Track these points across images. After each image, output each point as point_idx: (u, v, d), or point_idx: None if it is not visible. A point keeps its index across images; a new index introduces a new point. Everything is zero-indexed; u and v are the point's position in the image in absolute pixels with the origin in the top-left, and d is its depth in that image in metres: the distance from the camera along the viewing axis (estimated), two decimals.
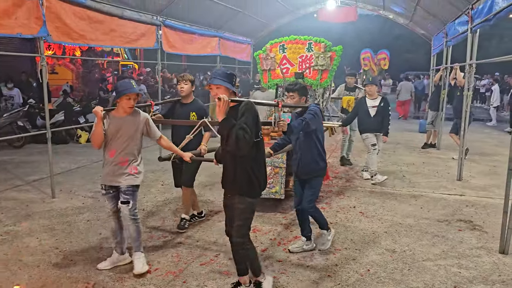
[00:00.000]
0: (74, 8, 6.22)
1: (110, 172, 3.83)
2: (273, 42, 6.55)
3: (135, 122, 3.87)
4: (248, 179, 3.28)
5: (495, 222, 5.14)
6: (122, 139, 3.81)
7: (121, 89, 3.72)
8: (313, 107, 4.17)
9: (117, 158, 3.83)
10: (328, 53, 6.22)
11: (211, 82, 3.30)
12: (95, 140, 3.80)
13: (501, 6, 5.10)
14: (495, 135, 12.69)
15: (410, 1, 10.65)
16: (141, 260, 3.88)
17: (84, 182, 6.90)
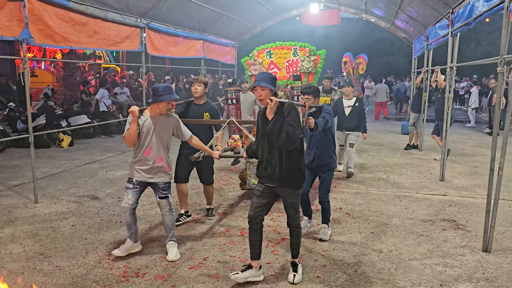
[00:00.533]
0: (56, 10, 6.15)
1: (147, 169, 4.08)
2: (259, 49, 6.82)
3: (168, 122, 4.18)
4: (296, 171, 3.67)
5: (477, 221, 5.26)
6: (156, 138, 4.09)
7: (163, 93, 3.97)
8: (327, 106, 4.69)
9: (153, 156, 4.08)
10: (312, 57, 6.59)
11: (258, 84, 3.60)
12: (130, 139, 4.00)
13: (480, 11, 5.22)
14: (475, 136, 12.97)
15: (392, 5, 10.82)
16: (175, 248, 4.25)
17: (68, 186, 6.80)
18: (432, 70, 9.43)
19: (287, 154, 3.61)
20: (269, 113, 3.60)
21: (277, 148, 3.61)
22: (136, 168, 4.10)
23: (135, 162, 4.12)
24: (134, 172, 4.11)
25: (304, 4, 13.77)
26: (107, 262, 4.12)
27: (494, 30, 27.79)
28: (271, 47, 6.83)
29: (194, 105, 5.11)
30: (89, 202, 6.02)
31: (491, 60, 4.60)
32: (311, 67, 6.64)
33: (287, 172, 3.63)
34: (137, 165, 4.10)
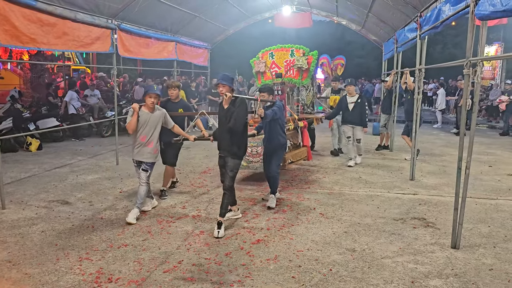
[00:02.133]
0: (23, 11, 5.97)
1: (141, 151, 5.32)
2: (264, 51, 8.31)
3: (159, 115, 5.43)
4: (239, 145, 5.10)
5: (446, 219, 5.42)
6: (149, 128, 5.32)
7: (145, 90, 5.46)
8: (279, 102, 6.02)
9: (147, 142, 5.31)
10: (305, 57, 7.90)
11: (220, 82, 4.98)
12: (132, 128, 5.23)
13: (447, 14, 5.38)
14: (443, 136, 13.36)
15: (362, 8, 11.03)
16: (135, 213, 5.32)
17: (37, 191, 6.61)
18: (401, 72, 9.66)
19: (234, 133, 4.99)
20: (225, 104, 4.99)
21: (227, 129, 4.97)
22: (135, 151, 5.34)
23: (134, 147, 5.35)
24: (135, 154, 5.35)
25: (277, 7, 13.87)
26: (79, 268, 4.03)
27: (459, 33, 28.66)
28: (273, 49, 8.16)
29: (171, 103, 6.40)
30: (59, 207, 5.87)
31: (458, 62, 4.75)
32: (304, 64, 7.87)
33: (232, 146, 5.03)
34: (135, 149, 5.33)
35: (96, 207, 5.91)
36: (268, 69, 8.19)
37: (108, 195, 6.46)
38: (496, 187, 7.08)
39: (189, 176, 7.76)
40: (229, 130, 4.97)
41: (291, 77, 7.95)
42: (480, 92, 16.65)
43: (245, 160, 6.87)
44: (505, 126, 14.07)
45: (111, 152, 9.71)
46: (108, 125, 12.33)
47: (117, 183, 7.15)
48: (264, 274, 3.95)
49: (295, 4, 13.66)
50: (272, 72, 8.14)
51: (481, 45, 4.21)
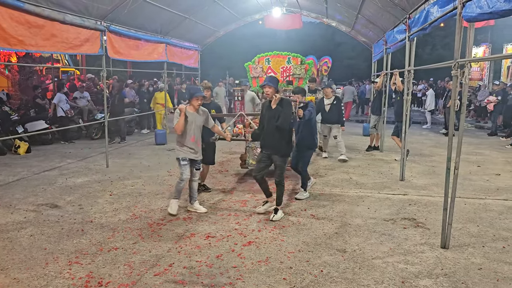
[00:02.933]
0: (11, 12, 5.90)
1: (193, 150, 5.62)
2: (260, 56, 8.45)
3: (203, 115, 5.73)
4: (285, 144, 5.50)
5: (436, 219, 5.46)
6: (196, 128, 5.61)
7: (192, 92, 5.66)
8: (311, 103, 6.50)
9: (196, 141, 5.63)
10: (303, 65, 8.22)
11: (267, 84, 5.46)
12: (180, 128, 5.48)
13: (435, 16, 5.44)
14: (432, 137, 13.47)
15: (352, 10, 11.09)
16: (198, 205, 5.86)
17: (25, 195, 6.53)
18: (391, 73, 9.72)
19: (281, 131, 5.39)
20: (273, 104, 5.37)
21: (275, 127, 5.37)
22: (186, 150, 5.58)
23: (185, 146, 5.59)
24: (187, 153, 5.58)
25: (267, 8, 13.88)
26: (68, 272, 3.99)
27: (448, 34, 29.00)
28: (269, 55, 8.32)
29: (204, 104, 6.32)
30: (48, 211, 5.81)
31: (446, 63, 4.80)
32: (302, 74, 8.19)
33: (279, 144, 5.44)
34: (187, 148, 5.58)
35: (86, 210, 5.86)
36: (264, 74, 8.29)
37: (98, 198, 6.41)
38: (484, 187, 7.15)
39: None
40: (277, 129, 5.37)
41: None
42: (468, 93, 16.87)
43: (253, 159, 7.29)
44: (493, 127, 14.24)
45: (101, 155, 9.64)
46: (98, 128, 12.23)
47: (107, 186, 7.10)
48: (255, 276, 3.95)
49: (285, 5, 13.68)
50: None
51: (469, 46, 4.26)
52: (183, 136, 5.56)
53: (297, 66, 8.18)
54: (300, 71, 8.17)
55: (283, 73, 8.33)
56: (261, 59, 8.44)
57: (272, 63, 8.34)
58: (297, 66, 8.17)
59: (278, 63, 8.32)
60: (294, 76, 8.24)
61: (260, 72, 8.37)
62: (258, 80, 8.46)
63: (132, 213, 5.75)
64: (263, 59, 8.44)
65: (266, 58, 8.39)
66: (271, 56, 8.36)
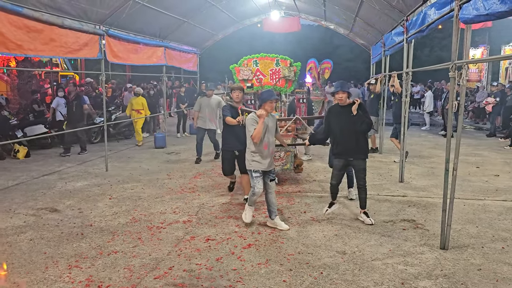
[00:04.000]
0: (10, 17, 5.91)
1: (268, 161, 5.15)
2: (246, 58, 8.07)
3: (274, 121, 5.33)
4: (365, 147, 5.51)
5: (435, 220, 5.47)
6: (269, 135, 5.18)
7: (265, 97, 5.12)
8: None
9: (270, 150, 5.17)
10: (291, 67, 7.92)
11: (341, 89, 5.35)
12: (259, 137, 5.02)
13: (432, 18, 5.47)
14: (431, 138, 13.49)
15: (350, 13, 11.13)
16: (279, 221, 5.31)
17: (25, 199, 6.53)
18: (389, 75, 9.75)
19: (361, 136, 5.38)
20: (354, 109, 5.24)
21: (354, 133, 5.31)
22: (258, 160, 5.11)
23: (257, 155, 5.12)
24: (259, 164, 5.12)
25: (265, 11, 13.93)
26: (68, 276, 3.99)
27: (446, 36, 29.07)
28: (257, 57, 8.02)
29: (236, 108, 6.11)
30: (48, 215, 5.81)
31: (443, 65, 4.82)
32: (291, 76, 7.94)
33: (360, 149, 5.39)
34: (259, 158, 5.11)
35: (86, 214, 5.86)
36: (253, 76, 8.08)
37: (97, 202, 6.41)
38: (483, 188, 7.17)
39: (179, 181, 7.73)
40: (358, 133, 5.33)
41: (278, 85, 8.02)
42: (466, 96, 16.87)
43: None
44: (491, 128, 14.26)
45: (101, 159, 9.64)
46: (97, 131, 12.24)
47: (107, 190, 7.10)
48: (255, 279, 3.95)
49: (283, 8, 13.74)
50: (257, 80, 8.03)
51: (466, 48, 4.28)
52: (257, 144, 5.11)
53: (286, 68, 7.97)
54: (289, 73, 7.96)
55: (272, 75, 8.11)
56: (249, 61, 8.15)
57: (260, 65, 8.09)
58: (286, 68, 7.97)
59: (267, 66, 8.09)
60: (285, 78, 8.02)
61: (249, 74, 8.07)
62: (246, 83, 8.05)
63: (131, 216, 5.75)
64: (250, 61, 8.14)
65: (254, 60, 8.13)
66: (258, 58, 8.10)
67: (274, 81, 7.97)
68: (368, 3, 8.79)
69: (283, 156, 7.38)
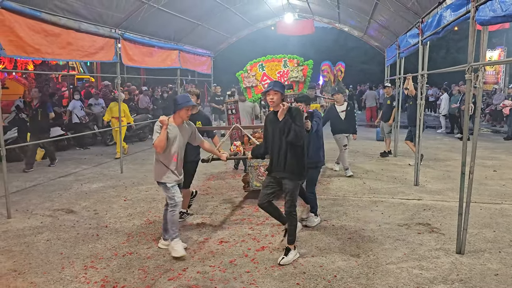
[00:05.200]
0: (28, 21, 6.04)
1: (178, 172, 4.62)
2: (252, 63, 7.44)
3: (188, 130, 4.72)
4: (299, 164, 4.35)
5: (451, 224, 5.40)
6: (179, 145, 4.58)
7: (180, 102, 4.48)
8: (317, 112, 5.43)
9: (178, 162, 4.62)
10: (300, 67, 7.23)
11: (272, 88, 4.32)
12: (161, 145, 4.41)
13: (448, 20, 5.41)
14: (447, 141, 13.32)
15: (364, 15, 11.07)
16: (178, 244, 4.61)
17: (42, 200, 6.64)
18: (404, 78, 9.65)
19: (293, 149, 4.30)
20: (280, 115, 4.28)
21: (285, 144, 4.30)
22: (168, 172, 4.55)
23: (163, 167, 4.55)
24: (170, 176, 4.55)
25: (279, 14, 13.95)
26: (84, 276, 4.05)
27: (462, 38, 28.68)
28: (262, 60, 7.36)
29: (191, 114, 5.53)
30: (64, 216, 5.90)
31: (459, 67, 4.76)
32: (299, 77, 7.21)
33: (290, 166, 4.31)
34: (166, 170, 4.54)
35: (101, 215, 5.93)
36: (259, 82, 7.41)
37: (112, 204, 6.48)
38: (501, 192, 7.05)
39: (193, 183, 7.75)
40: (287, 146, 4.30)
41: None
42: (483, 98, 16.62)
43: (257, 180, 6.42)
44: (509, 131, 14.01)
45: (116, 161, 9.75)
46: (112, 134, 12.37)
47: (122, 192, 7.17)
48: (268, 281, 3.95)
49: (297, 11, 13.74)
50: (265, 85, 7.25)
51: (482, 50, 4.22)
52: (165, 155, 4.52)
53: (294, 68, 7.23)
54: (297, 74, 7.23)
55: (280, 78, 7.41)
56: (254, 66, 7.47)
57: (266, 69, 7.36)
58: (294, 69, 7.23)
59: (274, 68, 7.34)
60: (291, 79, 7.32)
61: (253, 81, 7.42)
62: (253, 90, 7.55)
63: (146, 218, 5.80)
64: (256, 66, 7.46)
65: (260, 64, 7.43)
66: (264, 61, 7.38)
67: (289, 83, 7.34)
68: (382, 5, 8.74)
69: None
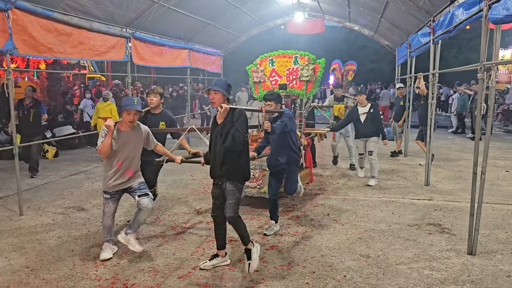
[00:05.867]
0: (41, 21, 6.11)
1: (118, 180, 4.30)
2: (262, 57, 6.98)
3: (139, 135, 4.41)
4: (238, 168, 4.01)
5: (462, 225, 5.35)
6: (128, 151, 4.30)
7: (123, 104, 4.24)
8: (288, 111, 5.01)
9: (124, 168, 4.30)
10: (311, 65, 6.62)
11: (211, 88, 3.96)
12: (104, 151, 4.17)
13: (460, 19, 5.35)
14: (458, 141, 13.19)
15: (375, 14, 11.00)
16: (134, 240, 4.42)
17: (53, 198, 6.72)
18: (415, 77, 9.58)
19: (231, 154, 3.94)
20: (219, 118, 3.96)
21: (223, 149, 3.93)
22: (108, 180, 4.30)
23: (107, 175, 4.30)
24: (109, 183, 4.30)
25: (289, 13, 13.90)
26: (95, 273, 4.08)
27: (475, 36, 28.38)
28: (273, 55, 6.91)
29: (151, 115, 5.30)
30: (75, 214, 5.96)
31: (472, 66, 4.71)
32: (310, 76, 6.62)
33: (230, 169, 3.97)
34: (108, 177, 4.30)
35: None
36: (267, 78, 6.90)
37: (123, 202, 6.49)
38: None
39: (202, 182, 7.80)
40: (225, 152, 3.94)
41: (293, 87, 6.71)
42: (496, 97, 16.44)
43: None
44: None
45: None
46: None
47: None
48: (278, 280, 3.95)
49: (307, 10, 13.68)
50: (272, 81, 6.87)
51: (495, 49, 4.17)
52: (108, 161, 4.30)
53: (304, 66, 6.63)
54: (307, 73, 6.59)
55: (289, 75, 6.80)
56: (264, 60, 6.97)
57: (276, 64, 6.85)
58: (304, 67, 6.63)
59: (284, 64, 6.82)
60: (301, 79, 6.68)
61: (262, 76, 6.89)
62: (260, 86, 6.99)
63: (156, 216, 5.84)
64: (266, 60, 6.95)
65: (270, 59, 6.92)
66: (275, 56, 6.88)
67: (289, 82, 6.73)
68: (393, 3, 8.67)
69: (258, 176, 5.88)
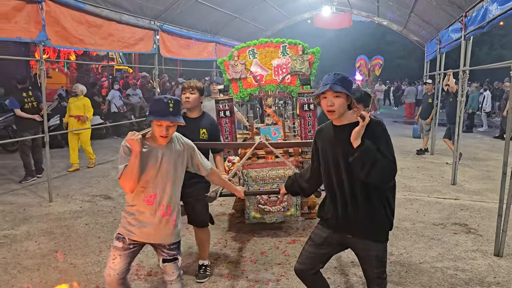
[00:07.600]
0: (73, 13, 6.26)
1: (149, 225, 2.70)
2: (239, 47, 5.64)
3: (178, 152, 2.77)
4: (384, 216, 2.56)
5: (489, 225, 5.23)
6: (162, 178, 2.69)
7: (150, 110, 2.69)
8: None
9: (157, 205, 2.69)
10: (306, 56, 5.45)
11: (331, 88, 2.42)
12: (134, 179, 2.55)
13: (494, 14, 5.20)
14: (487, 140, 12.85)
15: (404, 8, 10.80)
16: None
17: (81, 186, 6.90)
18: (444, 74, 9.37)
19: (376, 192, 2.52)
20: (355, 138, 2.37)
21: (361, 184, 2.49)
22: (130, 221, 2.72)
23: (128, 213, 2.74)
24: (129, 228, 2.73)
25: (316, 7, 13.80)
26: None
27: (508, 33, 27.53)
28: (254, 45, 5.59)
29: (187, 119, 3.41)
30: (102, 202, 6.11)
31: (504, 63, 4.58)
32: (305, 68, 5.41)
33: (371, 218, 2.54)
34: (131, 218, 2.72)
35: None
36: (249, 73, 5.58)
37: None
38: None
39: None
40: (364, 186, 2.50)
41: (285, 83, 5.56)
42: None
43: (258, 210, 4.66)
44: None
45: None
46: (149, 124, 12.67)
47: None
48: None
49: (335, 4, 13.54)
50: (257, 77, 5.57)
51: None
52: (134, 194, 2.68)
53: (297, 57, 5.42)
54: (302, 65, 5.41)
55: (277, 69, 5.55)
56: (242, 51, 5.59)
57: (259, 56, 5.56)
58: (297, 58, 5.42)
59: (269, 56, 5.56)
60: (294, 72, 5.47)
61: (242, 71, 5.53)
62: (241, 83, 5.62)
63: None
64: (245, 51, 5.59)
65: (250, 49, 5.57)
66: (256, 46, 5.57)
67: (279, 77, 5.55)
68: None
69: (283, 198, 4.65)
